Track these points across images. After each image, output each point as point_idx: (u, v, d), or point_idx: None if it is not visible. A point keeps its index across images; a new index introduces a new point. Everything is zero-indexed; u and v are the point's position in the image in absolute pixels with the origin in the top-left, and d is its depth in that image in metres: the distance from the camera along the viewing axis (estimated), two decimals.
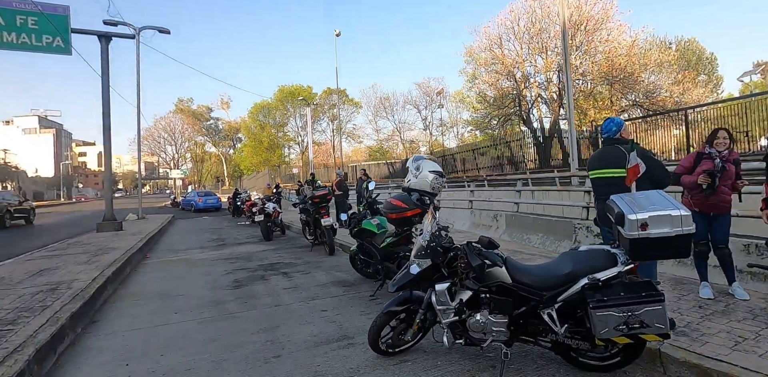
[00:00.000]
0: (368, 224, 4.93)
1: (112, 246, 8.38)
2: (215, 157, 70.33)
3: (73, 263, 6.41)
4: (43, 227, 16.50)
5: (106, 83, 12.10)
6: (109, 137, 12.28)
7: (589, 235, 6.18)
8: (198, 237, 11.74)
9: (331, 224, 7.47)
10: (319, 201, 7.45)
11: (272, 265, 6.86)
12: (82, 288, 4.64)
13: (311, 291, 5.09)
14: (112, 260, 6.52)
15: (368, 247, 4.94)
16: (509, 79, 23.63)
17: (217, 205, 25.60)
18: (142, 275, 6.45)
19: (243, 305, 4.59)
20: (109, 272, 5.47)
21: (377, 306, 4.37)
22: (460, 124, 41.82)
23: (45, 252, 8.03)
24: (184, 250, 9.14)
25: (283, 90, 48.92)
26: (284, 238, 10.72)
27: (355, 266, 5.67)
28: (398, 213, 3.87)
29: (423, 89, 39.82)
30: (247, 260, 7.47)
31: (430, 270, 2.71)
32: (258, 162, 50.43)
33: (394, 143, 46.12)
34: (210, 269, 6.74)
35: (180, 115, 65.92)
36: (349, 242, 8.10)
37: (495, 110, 23.56)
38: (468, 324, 2.70)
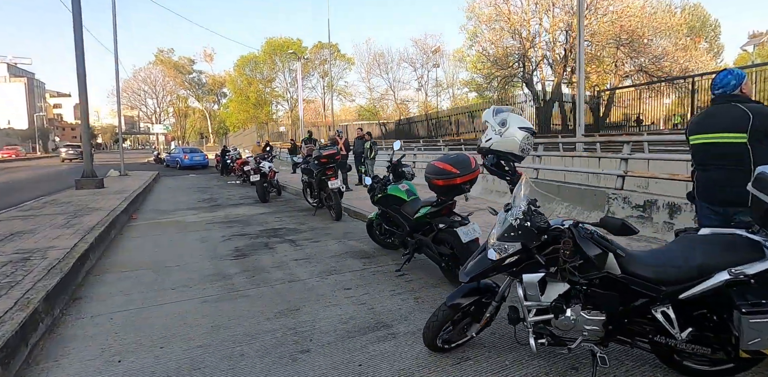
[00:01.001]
0: (396, 190, 4.26)
1: (93, 206, 7.60)
2: (199, 112, 67.47)
3: (49, 226, 5.66)
4: (17, 183, 15.44)
5: (78, 20, 10.64)
6: (85, 85, 11.02)
7: (626, 207, 5.64)
8: (187, 196, 10.97)
9: (339, 187, 6.79)
10: (326, 161, 6.70)
11: (275, 231, 6.22)
12: (59, 257, 3.94)
13: (326, 263, 4.50)
14: (95, 223, 5.78)
15: (394, 216, 4.31)
16: (514, 37, 22.22)
17: (203, 163, 24.53)
18: (130, 240, 5.77)
19: (251, 280, 3.99)
20: (91, 238, 4.76)
21: (406, 283, 3.83)
22: (457, 84, 40.25)
23: (17, 211, 7.22)
24: (174, 211, 8.42)
25: (271, 43, 46.02)
26: (281, 200, 10.05)
27: (373, 235, 5.08)
28: (446, 179, 3.20)
29: (420, 46, 37.76)
30: (245, 224, 6.82)
31: (517, 256, 2.08)
32: (245, 118, 48.45)
33: (385, 103, 44.43)
34: (206, 234, 6.08)
35: (161, 66, 62.21)
36: (355, 207, 7.50)
37: (497, 70, 22.32)
38: (554, 321, 2.14)
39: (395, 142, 4.83)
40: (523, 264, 2.13)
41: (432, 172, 3.33)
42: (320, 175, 6.90)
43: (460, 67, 37.23)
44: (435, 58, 38.15)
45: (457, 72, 39.41)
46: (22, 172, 21.25)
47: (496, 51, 22.49)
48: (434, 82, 40.08)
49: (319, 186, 7.18)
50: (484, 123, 2.48)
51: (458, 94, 40.78)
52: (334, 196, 6.78)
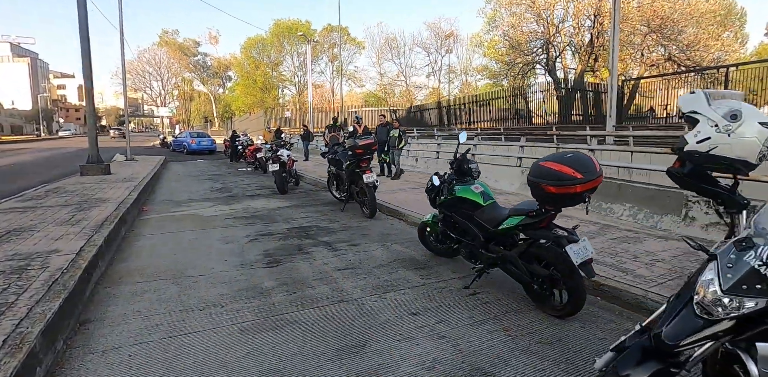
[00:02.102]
0: (467, 192, 3.52)
1: (100, 197, 6.92)
2: (204, 95, 66.35)
3: (51, 221, 4.98)
4: (20, 167, 14.79)
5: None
6: (90, 68, 10.22)
7: (711, 213, 4.89)
8: (200, 185, 10.28)
9: (374, 181, 6.05)
10: (362, 152, 5.95)
11: (304, 230, 5.53)
12: (62, 267, 3.26)
13: (376, 275, 3.82)
14: (103, 218, 5.10)
15: (461, 223, 3.59)
16: (538, 22, 21.07)
17: (211, 148, 23.77)
18: (143, 238, 5.08)
19: (293, 298, 3.30)
20: (99, 239, 4.08)
21: (484, 306, 3.15)
22: (470, 71, 39.00)
23: (17, 201, 6.54)
24: (188, 202, 7.73)
25: (279, 24, 44.67)
26: (300, 191, 9.34)
27: (426, 240, 4.39)
28: (563, 185, 2.47)
29: (433, 30, 36.39)
30: (269, 220, 6.12)
31: (754, 317, 1.37)
32: (251, 102, 47.43)
33: (391, 89, 43.20)
34: (228, 232, 5.39)
35: (165, 47, 60.89)
36: (387, 202, 6.80)
37: (519, 57, 21.25)
38: None
39: (461, 133, 4.07)
40: (761, 329, 1.41)
41: (542, 175, 2.59)
42: (353, 166, 6.16)
43: (476, 52, 35.93)
44: (448, 43, 36.83)
45: (471, 58, 38.09)
46: (26, 154, 20.62)
47: (517, 36, 21.37)
48: (447, 68, 38.79)
49: (350, 178, 6.45)
50: (686, 115, 1.72)
51: (470, 81, 39.54)
52: (368, 191, 6.05)
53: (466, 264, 3.95)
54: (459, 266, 4.07)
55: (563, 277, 2.80)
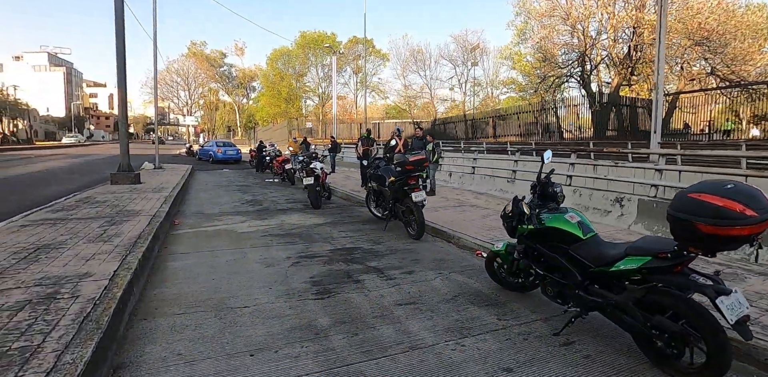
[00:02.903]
0: (561, 221, 3.00)
1: (131, 209, 6.62)
2: (229, 105, 67.61)
3: (83, 237, 4.64)
4: (52, 173, 14.88)
5: (120, 16, 9.77)
6: (125, 81, 10.14)
7: None
8: (229, 196, 9.98)
9: (423, 200, 5.57)
10: (413, 168, 5.49)
11: (349, 252, 5.06)
12: (95, 296, 2.86)
13: (444, 313, 3.30)
14: (136, 235, 4.74)
15: (551, 257, 3.05)
16: (573, 34, 20.51)
17: (236, 157, 23.80)
18: (178, 258, 4.69)
19: (355, 341, 2.81)
20: (134, 261, 3.69)
21: (588, 363, 2.60)
22: (496, 84, 38.51)
23: (48, 212, 6.29)
24: (219, 216, 7.38)
25: (305, 36, 45.25)
26: (333, 205, 8.93)
27: (494, 272, 3.86)
28: (724, 226, 1.92)
29: (459, 43, 36.17)
30: (308, 240, 5.68)
31: None
32: (275, 113, 47.89)
33: (412, 101, 42.93)
34: (266, 253, 4.97)
35: (193, 58, 62.54)
36: (432, 221, 6.27)
37: (552, 69, 20.67)
38: None
39: (545, 152, 3.56)
40: None
41: (694, 210, 2.05)
42: (401, 184, 5.70)
43: (504, 65, 35.47)
44: (474, 55, 36.53)
45: (498, 71, 37.62)
46: (58, 161, 20.93)
47: (550, 48, 20.84)
48: (472, 81, 38.41)
49: (395, 196, 5.98)
50: None
51: (496, 95, 39.02)
52: (416, 211, 5.57)
53: (541, 299, 3.44)
54: (536, 303, 3.54)
55: (703, 335, 2.24)
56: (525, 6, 22.79)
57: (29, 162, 19.65)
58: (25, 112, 59.72)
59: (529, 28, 22.78)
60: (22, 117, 60.26)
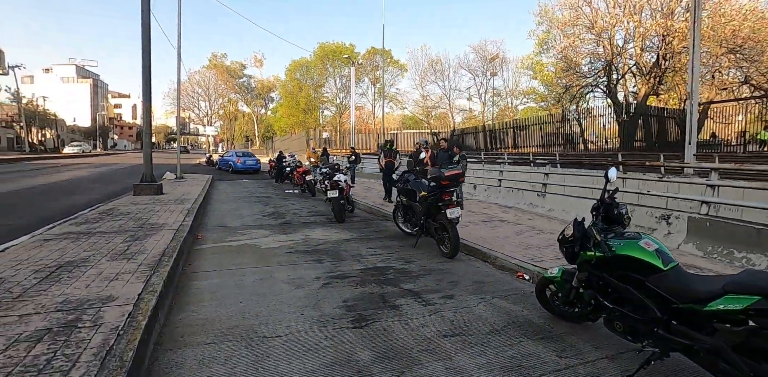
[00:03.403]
0: (636, 249, 2.65)
1: (154, 222, 6.47)
2: (247, 115, 68.68)
3: (106, 253, 4.46)
4: (77, 182, 15.04)
5: (147, 33, 9.85)
6: (149, 93, 10.18)
7: None
8: (250, 208, 9.82)
9: (459, 216, 5.26)
10: (448, 183, 5.19)
11: (380, 272, 4.76)
12: (119, 325, 2.63)
13: (496, 348, 2.96)
14: (160, 251, 4.54)
15: (622, 289, 2.70)
16: (598, 43, 20.09)
17: (255, 167, 23.86)
18: (202, 277, 4.46)
19: None
20: (159, 283, 3.46)
21: None
22: (516, 94, 38.09)
23: (71, 225, 6.17)
24: (242, 230, 7.19)
25: (324, 47, 45.77)
26: (357, 219, 8.66)
27: (547, 300, 3.51)
28: None
29: (479, 53, 35.99)
30: (335, 257, 5.41)
31: None
32: (293, 123, 48.31)
33: (437, 111, 42.75)
34: (294, 272, 4.70)
35: (214, 70, 63.92)
36: (463, 238, 5.93)
37: (578, 79, 20.23)
38: None
39: (609, 170, 3.23)
40: None
41: None
42: (434, 199, 5.40)
43: (524, 74, 35.08)
44: (493, 65, 36.27)
45: (518, 81, 37.22)
46: (83, 170, 21.29)
47: (574, 57, 20.44)
48: (492, 92, 38.08)
49: (427, 212, 5.68)
50: None
51: (515, 105, 38.57)
52: (450, 228, 5.25)
53: (601, 332, 3.09)
54: (596, 336, 3.17)
55: None
56: (547, 15, 22.50)
57: (56, 171, 20.02)
58: (53, 121, 61.72)
59: (551, 37, 22.44)
60: (50, 127, 62.28)
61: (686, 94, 21.08)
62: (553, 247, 5.82)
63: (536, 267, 4.80)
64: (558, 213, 8.58)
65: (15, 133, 53.01)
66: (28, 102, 53.22)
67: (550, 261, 5.01)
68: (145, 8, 10.17)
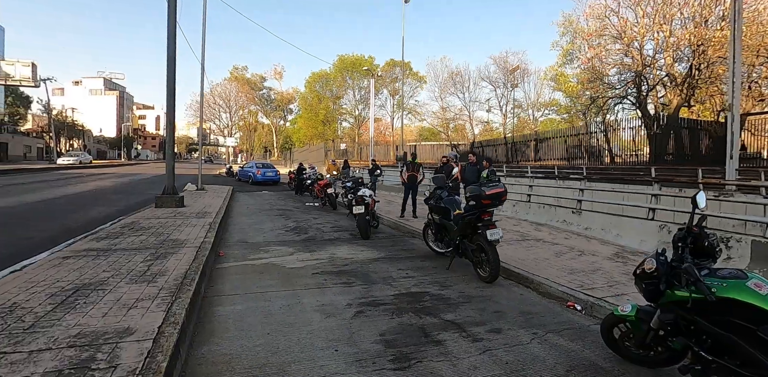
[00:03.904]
0: (745, 292, 2.20)
1: (176, 238, 6.24)
2: (267, 127, 69.63)
3: (125, 274, 4.20)
4: (101, 193, 15.14)
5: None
6: (173, 103, 10.13)
7: None
8: (271, 222, 9.57)
9: (499, 238, 4.85)
10: (489, 203, 4.80)
11: (416, 299, 4.37)
12: (136, 367, 2.32)
13: None
14: (182, 273, 4.26)
15: (725, 338, 2.26)
16: (626, 54, 19.52)
17: (275, 179, 23.81)
18: (225, 302, 4.14)
19: None
20: (180, 313, 3.16)
21: None
22: (537, 105, 37.50)
23: (91, 240, 5.98)
24: (265, 246, 6.90)
25: (343, 59, 46.21)
26: (382, 235, 8.30)
27: (617, 342, 3.07)
28: None
29: (500, 64, 35.67)
30: (366, 280, 5.05)
31: None
32: (312, 134, 48.61)
33: (457, 123, 42.38)
34: (323, 297, 4.35)
35: (235, 82, 65.22)
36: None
37: (606, 90, 19.65)
38: None
39: (698, 195, 2.81)
40: None
41: None
42: (474, 219, 5.01)
43: (547, 86, 34.54)
44: (514, 77, 35.86)
45: (540, 93, 36.66)
46: (107, 180, 21.58)
47: (601, 68, 19.90)
48: (513, 103, 37.60)
49: (463, 232, 5.29)
50: None
51: (537, 117, 37.95)
52: (490, 250, 4.84)
53: None
54: None
55: None
56: (571, 26, 22.09)
57: (80, 181, 20.32)
58: (81, 132, 63.72)
59: (576, 47, 21.97)
60: (78, 137, 64.29)
61: (723, 105, 20.30)
62: (601, 272, 5.35)
63: (588, 296, 4.34)
64: (597, 232, 8.06)
65: (44, 143, 54.80)
66: (58, 113, 55.13)
67: (602, 290, 4.55)
68: (171, 24, 10.20)
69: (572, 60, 23.59)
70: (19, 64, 33.88)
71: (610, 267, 5.60)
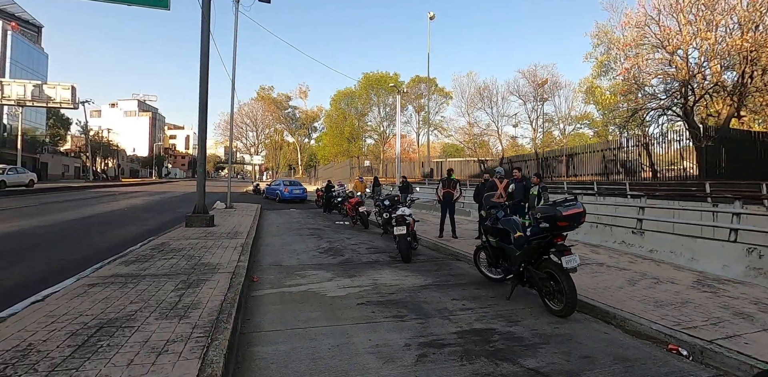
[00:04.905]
0: None
1: (208, 261, 5.81)
2: (292, 145, 70.59)
3: (154, 307, 3.74)
4: (132, 211, 15.13)
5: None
6: (205, 125, 9.97)
7: None
8: (304, 243, 9.09)
9: (576, 266, 4.18)
10: (566, 225, 4.15)
11: (484, 338, 3.72)
12: None
13: None
14: (217, 307, 3.77)
15: None
16: (670, 63, 18.58)
17: (302, 196, 23.57)
18: (266, 341, 3.60)
19: None
20: (218, 362, 2.63)
21: None
22: (569, 119, 36.45)
23: (120, 264, 5.61)
24: (300, 269, 6.39)
25: (369, 77, 46.54)
26: (423, 257, 7.69)
27: None
28: None
29: (529, 78, 35.02)
30: (419, 312, 4.43)
31: None
32: (337, 152, 48.74)
33: (487, 138, 41.60)
34: (375, 335, 3.76)
35: (261, 102, 66.74)
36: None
37: (649, 101, 18.67)
38: None
39: None
40: None
41: None
42: (545, 243, 4.35)
43: (578, 99, 33.55)
44: (543, 90, 35.08)
45: (573, 106, 35.64)
46: (138, 198, 21.82)
47: (642, 79, 19.00)
48: (543, 117, 36.70)
49: (528, 257, 4.63)
50: None
51: (569, 131, 36.83)
52: (565, 280, 4.16)
53: None
54: None
55: None
56: (606, 36, 21.36)
57: (113, 199, 20.58)
58: (115, 152, 66.11)
59: (611, 58, 21.16)
60: (113, 156, 66.70)
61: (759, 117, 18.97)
62: (693, 305, 4.57)
63: (694, 338, 3.60)
64: (665, 255, 7.20)
65: (81, 162, 56.98)
66: (95, 134, 57.40)
67: (706, 329, 3.80)
68: (204, 43, 10.16)
69: (607, 71, 22.77)
70: (59, 87, 35.43)
71: (700, 299, 4.81)
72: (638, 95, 18.74)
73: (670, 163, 18.78)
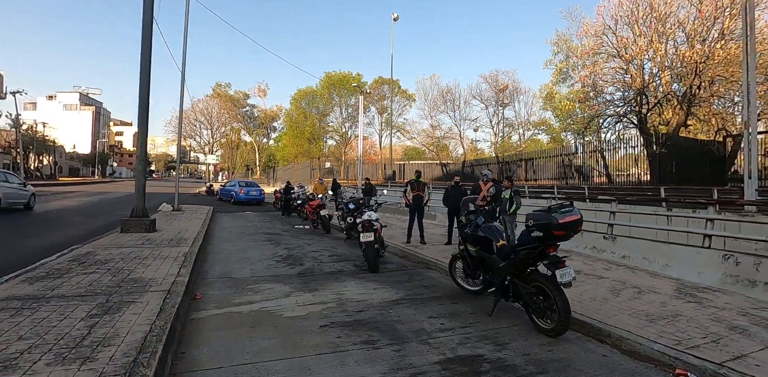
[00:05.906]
0: None
1: (138, 276, 4.86)
2: (249, 145, 68.06)
3: (51, 345, 2.85)
4: (63, 214, 13.45)
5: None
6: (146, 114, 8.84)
7: None
8: (259, 249, 8.21)
9: (571, 280, 3.70)
10: (563, 234, 3.65)
11: (473, 369, 3.14)
12: None
13: None
14: (138, 342, 2.93)
15: None
16: (626, 72, 19.20)
17: (259, 198, 22.31)
18: None
19: None
20: None
21: None
22: (527, 125, 37.31)
23: (23, 281, 4.55)
24: (253, 283, 5.57)
25: (331, 76, 45.51)
26: (391, 266, 7.08)
27: None
28: None
29: (490, 83, 35.50)
30: (393, 336, 3.78)
31: None
32: (297, 152, 47.30)
33: (449, 142, 41.83)
34: (344, 371, 3.07)
35: (217, 99, 63.89)
36: None
37: (607, 108, 19.17)
38: None
39: None
40: None
41: None
42: (536, 254, 3.84)
43: (537, 104, 34.37)
44: (505, 95, 35.71)
45: (532, 111, 36.47)
46: (74, 199, 19.73)
47: (600, 87, 19.51)
48: (503, 122, 37.34)
49: (515, 269, 4.11)
50: None
51: (528, 136, 37.73)
52: (558, 296, 3.67)
53: None
54: None
55: None
56: (565, 44, 21.84)
57: (44, 200, 18.43)
58: (52, 148, 60.82)
59: (570, 66, 21.65)
60: (49, 153, 61.31)
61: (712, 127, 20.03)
62: (685, 318, 4.24)
63: (702, 361, 3.21)
64: (638, 261, 7.00)
65: (11, 159, 51.85)
66: (28, 128, 52.46)
67: (709, 349, 3.43)
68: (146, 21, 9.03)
69: (566, 78, 23.32)
70: None
71: (688, 311, 4.50)
72: (595, 102, 19.20)
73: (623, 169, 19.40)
